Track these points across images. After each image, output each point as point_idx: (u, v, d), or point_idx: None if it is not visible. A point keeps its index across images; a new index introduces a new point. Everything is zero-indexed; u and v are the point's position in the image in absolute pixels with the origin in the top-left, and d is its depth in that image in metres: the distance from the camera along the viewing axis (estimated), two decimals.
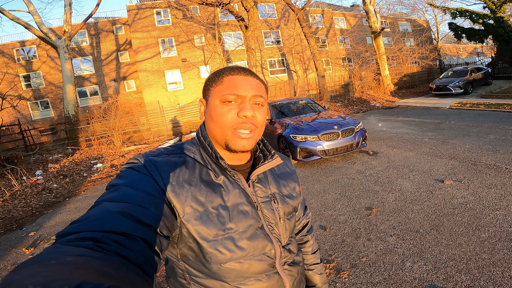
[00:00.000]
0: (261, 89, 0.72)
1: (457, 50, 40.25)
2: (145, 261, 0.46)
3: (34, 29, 11.28)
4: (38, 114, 19.36)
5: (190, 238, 0.64)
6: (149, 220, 0.52)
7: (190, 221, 0.62)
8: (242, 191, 0.70)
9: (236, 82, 0.69)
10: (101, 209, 0.51)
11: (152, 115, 15.23)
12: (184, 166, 0.68)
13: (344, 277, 2.25)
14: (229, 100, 0.68)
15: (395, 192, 3.75)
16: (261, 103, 0.71)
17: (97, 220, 0.48)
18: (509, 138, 5.57)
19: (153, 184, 0.60)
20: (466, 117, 8.48)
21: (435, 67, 23.33)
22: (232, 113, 0.68)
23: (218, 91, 0.70)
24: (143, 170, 0.62)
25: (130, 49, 19.43)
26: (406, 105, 13.10)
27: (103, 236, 0.44)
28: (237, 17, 13.26)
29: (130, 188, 0.57)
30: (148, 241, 0.49)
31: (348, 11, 27.16)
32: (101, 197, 0.55)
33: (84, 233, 0.44)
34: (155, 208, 0.56)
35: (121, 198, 0.54)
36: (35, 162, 8.99)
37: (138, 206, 0.53)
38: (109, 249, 0.42)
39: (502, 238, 2.45)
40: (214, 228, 0.64)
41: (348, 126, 5.51)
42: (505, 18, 18.16)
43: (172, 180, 0.63)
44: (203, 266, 0.66)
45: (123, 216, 0.50)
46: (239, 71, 0.71)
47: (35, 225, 4.49)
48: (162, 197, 0.60)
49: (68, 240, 0.42)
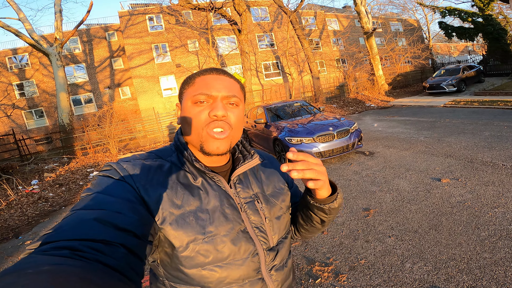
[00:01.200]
0: (234, 89, 0.70)
1: (448, 48, 40.71)
2: (128, 267, 0.44)
3: (25, 37, 11.19)
4: (33, 123, 19.17)
5: (166, 242, 0.62)
6: (128, 225, 0.50)
7: (166, 225, 0.60)
8: (223, 193, 0.68)
9: (207, 82, 0.68)
10: (76, 218, 0.49)
11: (147, 121, 15.14)
12: (159, 169, 0.66)
13: (343, 280, 2.21)
14: (201, 101, 0.67)
15: (392, 192, 3.73)
16: (235, 102, 0.69)
17: (72, 228, 0.46)
18: (504, 134, 5.59)
19: (128, 189, 0.58)
20: (460, 114, 8.53)
21: (427, 66, 23.54)
22: (204, 114, 0.66)
23: (190, 92, 0.69)
24: (117, 175, 0.61)
25: (123, 55, 19.37)
26: (401, 104, 13.16)
27: (80, 244, 0.42)
28: (230, 21, 13.28)
29: (105, 195, 0.55)
30: (129, 247, 0.48)
31: (340, 12, 27.37)
32: (75, 206, 0.53)
33: (60, 242, 0.42)
34: (133, 213, 0.54)
35: (97, 205, 0.52)
36: (31, 172, 8.89)
37: (114, 212, 0.51)
38: (88, 257, 0.40)
39: (503, 237, 2.43)
40: (192, 232, 0.61)
41: (343, 127, 5.50)
42: (494, 16, 18.43)
43: (145, 183, 0.61)
44: (180, 272, 0.63)
45: (100, 223, 0.48)
46: (211, 71, 0.70)
47: (31, 233, 4.48)
48: (139, 201, 0.58)
49: (43, 250, 0.40)
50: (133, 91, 19.09)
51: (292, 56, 17.54)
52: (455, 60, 25.68)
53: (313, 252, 2.67)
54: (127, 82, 19.63)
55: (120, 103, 19.35)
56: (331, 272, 2.33)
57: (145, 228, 0.54)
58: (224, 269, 0.64)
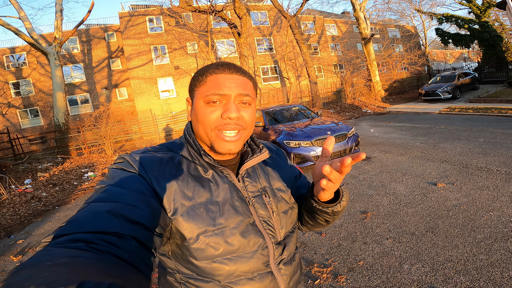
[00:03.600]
0: (248, 87, 0.69)
1: (444, 55, 41.30)
2: (139, 260, 0.45)
3: (24, 35, 11.14)
4: (28, 123, 18.99)
5: (177, 234, 0.62)
6: (140, 218, 0.51)
7: (177, 216, 0.61)
8: (232, 186, 0.68)
9: (219, 81, 0.66)
10: (90, 210, 0.50)
11: (144, 123, 15.09)
12: (171, 161, 0.66)
13: (342, 281, 2.23)
14: (213, 101, 0.65)
15: (389, 196, 3.77)
16: (248, 102, 0.68)
17: (86, 221, 0.47)
18: (498, 141, 5.68)
19: (141, 182, 0.59)
20: (455, 121, 8.65)
21: (423, 72, 23.86)
22: (216, 114, 0.65)
23: (202, 91, 0.67)
24: (129, 167, 0.61)
25: (122, 56, 19.34)
26: (397, 110, 13.31)
27: (94, 237, 0.43)
28: (230, 24, 13.36)
29: (118, 188, 0.56)
30: (141, 240, 0.48)
31: (339, 18, 27.67)
32: (89, 199, 0.54)
33: (74, 234, 0.43)
34: (146, 206, 0.54)
35: (110, 198, 0.53)
36: (24, 171, 8.79)
37: (127, 205, 0.52)
38: (101, 249, 0.41)
39: (498, 239, 2.47)
40: (203, 224, 0.62)
41: (341, 132, 5.54)
42: (490, 23, 18.73)
43: (157, 175, 0.62)
44: (191, 264, 0.64)
45: (113, 216, 0.49)
46: (224, 69, 0.67)
47: (23, 233, 4.43)
48: (152, 194, 0.59)
49: (59, 242, 0.41)
50: (130, 92, 19.02)
51: (290, 61, 17.67)
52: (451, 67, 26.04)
53: (312, 254, 2.68)
54: (125, 83, 19.57)
55: (117, 104, 19.26)
56: (330, 273, 2.35)
57: (156, 221, 0.55)
58: (233, 262, 0.64)
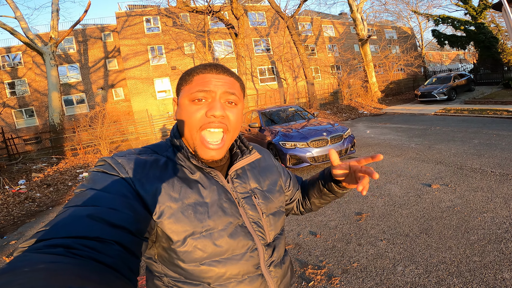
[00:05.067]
0: (234, 87, 0.68)
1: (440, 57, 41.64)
2: (123, 264, 0.44)
3: (20, 35, 11.06)
4: (23, 123, 18.83)
5: (163, 237, 0.61)
6: (122, 222, 0.49)
7: (164, 219, 0.59)
8: (220, 188, 0.67)
9: (206, 80, 0.65)
10: (69, 215, 0.48)
11: (140, 123, 15.02)
12: (155, 164, 0.64)
13: (336, 283, 2.22)
14: (199, 98, 0.64)
15: (384, 197, 3.77)
16: (234, 101, 0.67)
17: (65, 225, 0.45)
18: (493, 142, 5.72)
19: (123, 184, 0.57)
20: (450, 122, 8.70)
21: (420, 74, 24.01)
22: (200, 113, 0.64)
23: (187, 89, 0.66)
24: (111, 170, 0.59)
25: (118, 56, 19.25)
26: (393, 112, 13.36)
27: (74, 242, 0.41)
28: (227, 25, 13.35)
29: (99, 191, 0.54)
30: (124, 244, 0.47)
31: (336, 19, 27.78)
32: (69, 203, 0.52)
33: (53, 240, 0.41)
34: (128, 209, 0.52)
35: (90, 201, 0.51)
36: (18, 171, 8.72)
37: (108, 208, 0.50)
38: (82, 254, 0.39)
39: (492, 240, 2.47)
40: (190, 226, 0.60)
41: (337, 133, 5.55)
42: (486, 24, 18.88)
43: (141, 177, 0.60)
44: (178, 267, 0.62)
45: (93, 220, 0.47)
46: (211, 69, 0.67)
47: (16, 233, 4.39)
48: (135, 197, 0.57)
49: (37, 248, 0.39)
50: (127, 92, 18.94)
51: (287, 62, 17.71)
52: (447, 68, 26.23)
53: (306, 255, 2.67)
54: (121, 84, 19.48)
55: (113, 104, 19.16)
56: (324, 275, 2.34)
57: (140, 225, 0.53)
58: (222, 264, 0.63)
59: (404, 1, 27.05)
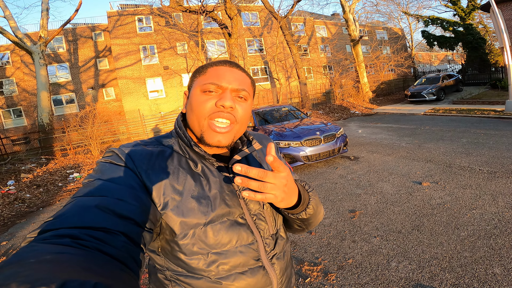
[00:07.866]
0: (245, 83, 0.70)
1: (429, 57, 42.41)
2: (128, 256, 0.44)
3: (8, 34, 10.80)
4: (11, 123, 18.39)
5: (167, 229, 0.61)
6: (129, 213, 0.50)
7: (167, 211, 0.60)
8: (222, 180, 0.68)
9: (219, 73, 0.67)
10: (77, 205, 0.48)
11: (132, 123, 14.84)
12: (161, 155, 0.66)
13: (332, 279, 2.26)
14: (210, 90, 0.66)
15: (376, 195, 3.84)
16: (244, 96, 0.69)
17: (73, 216, 0.46)
18: (480, 141, 5.87)
19: (131, 175, 0.58)
20: (439, 122, 8.89)
21: (409, 74, 24.39)
22: (210, 103, 0.65)
23: (201, 80, 0.68)
24: (119, 161, 0.60)
25: (109, 56, 18.97)
26: (384, 112, 13.56)
27: (81, 233, 0.42)
28: (220, 24, 13.32)
29: (106, 181, 0.54)
30: (130, 235, 0.47)
31: (328, 19, 28.03)
32: (77, 193, 0.52)
33: (60, 230, 0.42)
34: (135, 200, 0.53)
35: (98, 192, 0.52)
36: (7, 172, 8.52)
37: (116, 199, 0.51)
38: (88, 245, 0.40)
39: (481, 236, 2.55)
40: (193, 218, 0.61)
41: (330, 132, 5.61)
42: (474, 25, 19.32)
43: (147, 168, 0.61)
44: (180, 260, 0.63)
45: (101, 210, 0.47)
46: (225, 63, 0.69)
47: (7, 234, 4.34)
48: (141, 188, 0.58)
49: (44, 238, 0.40)
50: (118, 92, 18.69)
51: (280, 62, 17.77)
52: (436, 69, 26.70)
53: (302, 252, 2.71)
54: (112, 83, 19.21)
55: (103, 104, 18.86)
56: (320, 272, 2.38)
57: (146, 216, 0.54)
58: (223, 257, 0.63)
59: (395, 2, 27.57)
